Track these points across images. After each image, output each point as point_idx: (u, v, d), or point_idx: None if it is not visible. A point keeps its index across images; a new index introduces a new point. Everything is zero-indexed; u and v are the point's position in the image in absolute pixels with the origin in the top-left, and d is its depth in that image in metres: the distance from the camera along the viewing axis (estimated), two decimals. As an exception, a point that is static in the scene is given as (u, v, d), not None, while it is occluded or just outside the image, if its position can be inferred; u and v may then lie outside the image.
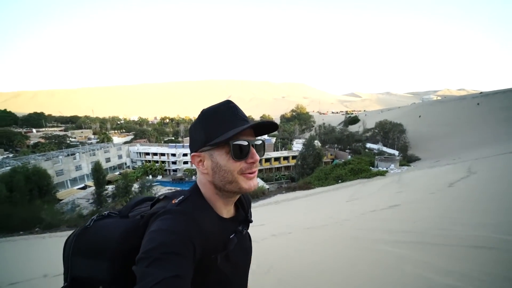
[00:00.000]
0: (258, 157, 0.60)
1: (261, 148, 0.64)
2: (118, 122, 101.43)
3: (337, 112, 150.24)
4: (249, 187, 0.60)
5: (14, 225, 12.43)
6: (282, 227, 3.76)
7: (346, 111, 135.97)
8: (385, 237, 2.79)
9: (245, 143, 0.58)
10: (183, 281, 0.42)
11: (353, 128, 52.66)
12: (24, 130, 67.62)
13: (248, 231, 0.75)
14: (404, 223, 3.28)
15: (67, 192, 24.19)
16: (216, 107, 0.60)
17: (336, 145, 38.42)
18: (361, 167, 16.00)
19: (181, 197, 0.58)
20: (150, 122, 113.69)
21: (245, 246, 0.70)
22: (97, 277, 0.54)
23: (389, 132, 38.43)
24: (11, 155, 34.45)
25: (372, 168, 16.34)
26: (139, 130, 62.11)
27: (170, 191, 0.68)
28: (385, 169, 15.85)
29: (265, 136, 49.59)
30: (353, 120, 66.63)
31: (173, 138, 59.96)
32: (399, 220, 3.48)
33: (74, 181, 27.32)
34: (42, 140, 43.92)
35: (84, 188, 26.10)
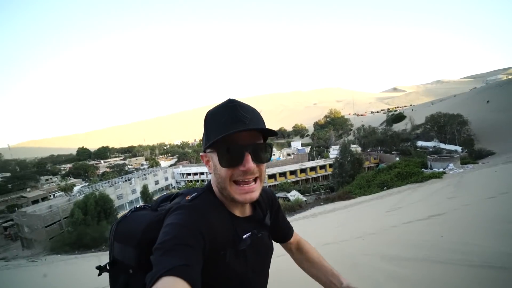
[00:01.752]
0: (251, 166, 0.55)
1: (262, 153, 0.59)
2: (165, 148, 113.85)
3: (377, 112, 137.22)
4: (243, 200, 0.58)
5: (87, 243, 14.83)
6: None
7: (388, 109, 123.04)
8: (399, 254, 2.42)
9: (235, 149, 0.55)
10: (192, 269, 0.44)
11: (398, 127, 46.99)
12: (95, 162, 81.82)
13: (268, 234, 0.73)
14: (433, 236, 2.72)
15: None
16: (215, 108, 0.60)
17: (379, 147, 34.72)
18: (410, 170, 13.99)
19: (194, 194, 0.61)
20: (190, 145, 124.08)
21: (261, 248, 0.68)
22: (127, 261, 0.60)
23: (445, 125, 32.82)
24: (86, 184, 41.86)
25: (425, 170, 14.08)
26: (181, 153, 68.30)
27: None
28: (441, 170, 13.45)
29: (299, 146, 48.46)
30: (398, 117, 59.74)
31: (210, 156, 63.64)
32: (430, 232, 2.88)
33: (131, 203, 31.18)
34: (108, 169, 52.26)
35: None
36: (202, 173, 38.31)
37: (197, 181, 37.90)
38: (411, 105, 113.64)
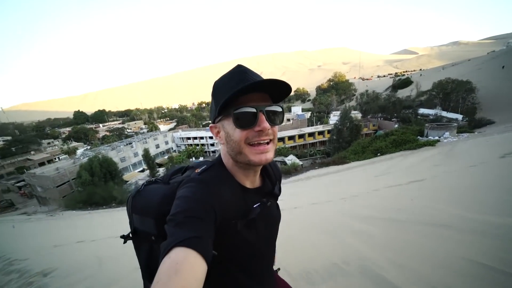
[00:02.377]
0: (266, 125, 0.56)
1: (275, 115, 0.59)
2: (162, 112, 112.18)
3: (384, 76, 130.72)
4: (259, 161, 0.58)
5: (97, 201, 16.07)
6: (293, 202, 3.88)
7: (396, 73, 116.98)
8: (370, 214, 2.71)
9: (249, 109, 0.55)
10: (204, 241, 0.46)
11: (404, 93, 45.44)
12: (94, 126, 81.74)
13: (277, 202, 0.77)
14: (405, 199, 2.99)
15: (131, 175, 29.13)
16: (224, 75, 0.59)
17: (380, 114, 34.30)
18: (406, 137, 14.20)
19: (203, 167, 0.63)
20: (189, 108, 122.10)
21: (270, 217, 0.71)
22: (148, 230, 0.65)
23: (452, 93, 31.60)
24: (88, 147, 42.78)
25: (420, 138, 14.30)
26: (180, 117, 67.74)
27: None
28: (436, 138, 13.66)
29: (299, 112, 47.78)
30: (404, 82, 57.27)
31: (210, 121, 63.48)
32: (405, 196, 3.17)
33: (134, 165, 32.47)
34: (107, 133, 52.68)
35: (142, 171, 30.91)
36: (201, 138, 38.77)
37: (197, 145, 38.64)
38: (420, 69, 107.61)
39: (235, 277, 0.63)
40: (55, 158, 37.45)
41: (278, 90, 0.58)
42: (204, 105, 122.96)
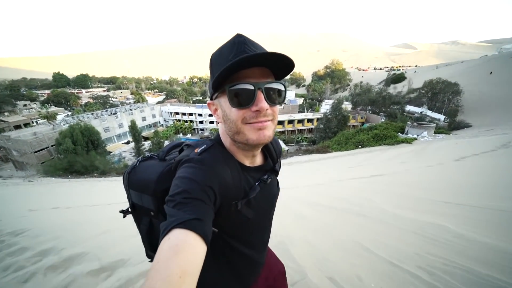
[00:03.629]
0: (264, 105, 0.51)
1: (276, 94, 0.54)
2: (151, 83, 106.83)
3: (380, 68, 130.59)
4: (257, 138, 0.54)
5: (78, 170, 15.82)
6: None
7: (392, 67, 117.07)
8: (320, 202, 3.07)
9: (246, 86, 0.50)
10: (203, 223, 0.46)
11: (397, 88, 46.12)
12: (76, 90, 76.78)
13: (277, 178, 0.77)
14: (357, 192, 3.38)
15: (115, 146, 28.48)
16: (221, 47, 0.54)
17: (369, 107, 35.00)
18: (387, 133, 14.82)
19: (203, 147, 0.60)
20: (180, 82, 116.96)
21: (269, 193, 0.71)
22: (147, 206, 0.66)
23: (440, 93, 32.64)
24: (69, 114, 40.61)
25: (400, 135, 15.00)
26: (170, 91, 65.06)
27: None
28: (415, 136, 14.40)
29: (292, 97, 47.43)
30: (398, 78, 57.79)
31: (201, 98, 61.77)
32: (358, 189, 3.55)
33: (119, 136, 31.62)
34: (91, 100, 49.89)
35: (127, 143, 30.25)
36: (191, 114, 37.92)
37: (186, 121, 37.90)
38: (416, 66, 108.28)
39: (237, 249, 0.65)
40: (32, 122, 35.43)
41: (281, 66, 0.52)
42: (196, 79, 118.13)
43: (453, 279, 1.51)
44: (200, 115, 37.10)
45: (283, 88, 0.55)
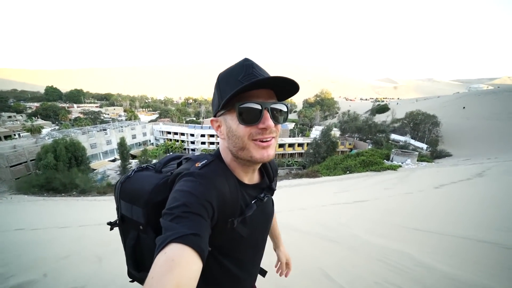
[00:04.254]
0: (271, 123, 0.55)
1: (279, 114, 0.58)
2: (146, 101, 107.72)
3: (366, 99, 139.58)
4: (261, 157, 0.57)
5: (56, 188, 14.85)
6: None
7: (376, 98, 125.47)
8: (298, 227, 3.09)
9: (255, 105, 0.53)
10: (201, 239, 0.45)
11: (381, 118, 48.97)
12: (67, 105, 75.80)
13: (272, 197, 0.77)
14: (331, 217, 3.45)
15: (100, 163, 27.39)
16: (230, 68, 0.57)
17: (357, 134, 36.53)
18: (373, 159, 15.29)
19: (204, 161, 0.60)
20: (174, 102, 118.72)
21: (264, 212, 0.71)
22: (136, 219, 0.64)
23: (421, 123, 35.05)
24: (56, 128, 39.46)
25: (386, 162, 15.50)
26: (164, 110, 65.53)
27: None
28: (399, 163, 14.93)
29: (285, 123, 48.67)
30: (382, 108, 61.69)
31: (194, 118, 62.36)
32: (340, 214, 3.61)
33: (105, 154, 30.64)
34: (81, 115, 49.13)
35: (113, 160, 29.25)
36: (182, 134, 37.87)
37: (177, 140, 37.62)
38: (398, 98, 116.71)
39: (226, 268, 0.64)
40: (14, 134, 33.95)
41: (285, 88, 0.57)
42: (191, 101, 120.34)
43: None
44: (192, 135, 37.10)
45: (285, 109, 0.59)
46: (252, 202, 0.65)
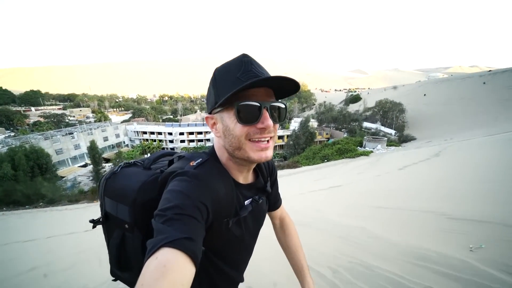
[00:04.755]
0: (270, 123, 0.53)
1: (278, 113, 0.57)
2: (117, 100, 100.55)
3: (340, 90, 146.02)
4: (258, 158, 0.55)
5: (18, 200, 13.46)
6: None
7: (349, 89, 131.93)
8: None
9: (254, 104, 0.51)
10: (194, 243, 0.43)
11: (354, 107, 51.82)
12: (23, 108, 67.70)
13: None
14: (310, 204, 3.74)
15: (69, 170, 25.25)
16: (227, 63, 0.55)
17: (333, 124, 38.32)
18: (348, 147, 16.29)
19: (199, 160, 0.58)
20: (148, 100, 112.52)
21: (258, 213, 0.70)
22: (122, 217, 0.61)
23: (389, 111, 37.89)
24: (12, 134, 35.20)
25: (359, 148, 16.62)
26: (137, 109, 61.89)
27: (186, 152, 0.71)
28: (371, 149, 16.11)
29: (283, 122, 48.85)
30: (354, 98, 65.14)
31: (171, 116, 59.91)
32: (313, 201, 3.90)
33: (74, 159, 28.28)
34: (41, 119, 44.32)
35: (84, 166, 27.13)
36: (160, 133, 36.30)
37: (154, 140, 35.99)
38: (369, 88, 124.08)
39: (220, 268, 0.63)
40: (-42, 145, 29.63)
41: (285, 87, 0.55)
42: (166, 98, 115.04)
43: (350, 274, 1.76)
44: (170, 134, 35.76)
45: (284, 107, 0.57)
46: (247, 202, 0.64)
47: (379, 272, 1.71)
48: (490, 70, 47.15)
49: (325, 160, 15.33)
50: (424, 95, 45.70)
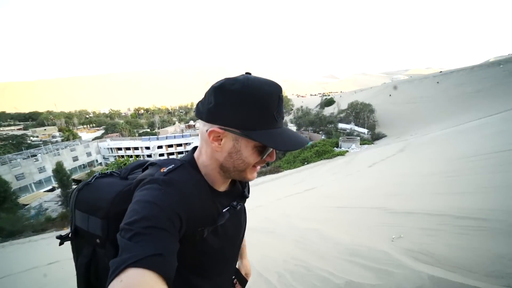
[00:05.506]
0: (274, 157, 0.60)
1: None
2: (87, 116, 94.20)
3: (315, 95, 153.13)
4: (251, 178, 0.60)
5: (-30, 236, 11.82)
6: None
7: (323, 93, 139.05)
8: (248, 225, 3.49)
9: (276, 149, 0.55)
10: (165, 260, 0.39)
11: (329, 110, 54.52)
12: (-26, 131, 60.23)
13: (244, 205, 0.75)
14: (283, 211, 3.89)
15: (33, 196, 22.82)
16: (265, 91, 0.50)
17: (310, 127, 39.89)
18: (325, 148, 17.08)
19: (170, 166, 0.55)
20: (123, 114, 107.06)
21: (237, 220, 0.68)
22: (93, 231, 0.56)
23: (360, 112, 40.57)
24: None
25: (336, 149, 17.51)
26: (110, 124, 58.50)
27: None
28: (347, 149, 17.07)
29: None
30: (329, 102, 68.65)
31: (149, 130, 57.58)
32: (286, 207, 4.09)
33: (39, 184, 25.70)
34: (-3, 142, 39.76)
35: (52, 190, 24.74)
36: (136, 148, 34.64)
37: (130, 156, 34.13)
38: (341, 92, 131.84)
39: (190, 282, 0.58)
40: None
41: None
42: (142, 111, 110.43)
43: (291, 277, 1.80)
44: (148, 148, 34.30)
45: None
46: (225, 209, 0.60)
47: (316, 272, 1.76)
48: (441, 71, 53.16)
49: (305, 163, 15.87)
50: (390, 95, 49.88)
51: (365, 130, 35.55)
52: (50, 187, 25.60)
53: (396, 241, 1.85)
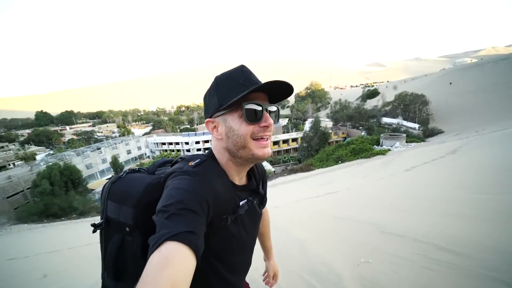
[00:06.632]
0: (271, 121, 0.61)
1: (274, 115, 0.66)
2: (138, 114, 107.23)
3: (356, 86, 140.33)
4: (262, 154, 0.61)
5: (55, 213, 14.94)
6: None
7: (366, 84, 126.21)
8: None
9: (258, 106, 0.59)
10: (197, 236, 0.45)
11: (372, 102, 49.45)
12: (60, 128, 75.23)
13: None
14: (298, 213, 3.67)
15: (98, 183, 27.40)
16: (229, 72, 0.61)
17: (349, 122, 36.84)
18: (363, 146, 15.57)
19: (197, 160, 0.62)
20: (167, 112, 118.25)
21: (254, 213, 0.73)
22: (124, 220, 0.62)
23: (410, 104, 35.45)
24: (51, 152, 39.29)
25: (376, 147, 15.80)
26: (156, 121, 65.37)
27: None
28: (389, 147, 15.23)
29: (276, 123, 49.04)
30: (372, 93, 62.18)
31: (188, 126, 62.30)
32: (303, 209, 3.78)
33: (102, 172, 30.62)
34: (74, 137, 48.87)
35: (110, 178, 29.30)
36: (177, 143, 37.92)
37: (172, 150, 37.67)
38: (387, 81, 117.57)
39: (219, 272, 0.64)
40: (8, 164, 33.74)
41: (279, 92, 0.62)
42: (183, 108, 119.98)
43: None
44: (187, 143, 37.18)
45: (276, 109, 0.67)
46: (243, 203, 0.67)
47: (262, 284, 1.70)
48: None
49: (339, 162, 14.80)
50: (450, 83, 42.11)
51: (416, 125, 31.00)
52: (109, 176, 30.32)
53: (362, 265, 1.74)
